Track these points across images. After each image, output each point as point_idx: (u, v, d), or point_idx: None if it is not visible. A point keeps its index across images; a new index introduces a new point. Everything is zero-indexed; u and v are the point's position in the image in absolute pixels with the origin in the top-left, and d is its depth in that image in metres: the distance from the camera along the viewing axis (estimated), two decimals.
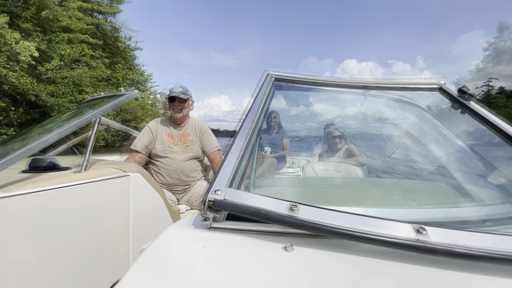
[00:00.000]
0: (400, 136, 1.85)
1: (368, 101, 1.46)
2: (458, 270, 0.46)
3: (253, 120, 0.91)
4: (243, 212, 0.54)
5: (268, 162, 2.36)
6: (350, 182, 1.26)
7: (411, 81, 1.18)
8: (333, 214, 0.53)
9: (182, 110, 2.01)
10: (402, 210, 0.69)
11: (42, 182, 1.02)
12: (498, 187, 0.92)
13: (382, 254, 0.50)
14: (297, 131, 3.01)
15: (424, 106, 1.40)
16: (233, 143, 0.78)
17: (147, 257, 0.50)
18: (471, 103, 0.98)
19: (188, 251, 0.52)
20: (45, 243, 0.98)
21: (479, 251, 0.46)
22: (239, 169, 0.69)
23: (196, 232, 0.58)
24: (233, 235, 0.57)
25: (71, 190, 1.07)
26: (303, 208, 0.55)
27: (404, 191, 1.00)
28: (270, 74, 1.23)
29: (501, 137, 0.85)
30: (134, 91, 1.75)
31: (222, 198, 0.56)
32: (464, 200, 0.85)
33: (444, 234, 0.49)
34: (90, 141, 1.36)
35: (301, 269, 0.47)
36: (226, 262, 0.48)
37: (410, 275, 0.46)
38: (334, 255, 0.51)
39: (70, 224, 1.06)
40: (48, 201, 0.99)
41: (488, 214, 0.68)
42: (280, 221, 0.53)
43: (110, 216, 1.21)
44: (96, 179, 1.17)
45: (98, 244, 1.16)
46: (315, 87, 1.31)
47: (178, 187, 2.03)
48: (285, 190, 0.94)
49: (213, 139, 2.15)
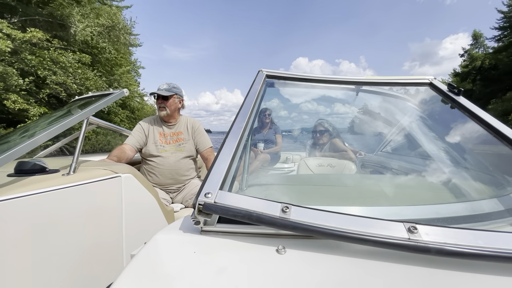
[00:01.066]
0: (391, 130, 1.86)
1: (360, 97, 1.46)
2: (450, 269, 0.47)
3: (245, 119, 0.90)
4: (234, 216, 0.53)
5: (262, 158, 2.36)
6: (342, 179, 1.27)
7: (403, 77, 1.18)
8: (325, 215, 0.53)
9: (165, 108, 1.96)
10: (394, 208, 0.69)
11: (29, 186, 0.99)
12: (487, 182, 0.93)
13: (375, 254, 0.50)
14: (290, 127, 3.01)
15: (416, 101, 1.41)
16: (224, 143, 0.77)
17: (137, 264, 0.49)
18: (461, 98, 0.99)
19: (179, 256, 0.51)
20: (33, 249, 0.95)
21: (469, 248, 0.46)
22: (230, 170, 0.68)
23: (187, 236, 0.57)
24: (225, 238, 0.56)
25: (60, 193, 1.04)
26: (295, 209, 0.54)
27: (396, 188, 1.00)
28: (262, 71, 1.21)
29: (488, 130, 0.86)
30: (124, 89, 1.71)
31: (213, 201, 0.56)
32: (455, 196, 0.86)
33: (435, 233, 0.49)
34: (78, 142, 1.32)
35: (294, 272, 0.47)
36: (218, 267, 0.48)
37: (403, 275, 0.46)
38: (327, 256, 0.50)
39: (59, 229, 1.04)
40: (35, 205, 0.97)
41: (479, 210, 0.69)
42: (272, 224, 0.52)
43: (102, 219, 1.19)
44: (85, 181, 1.15)
45: (90, 248, 1.14)
46: (308, 84, 1.31)
47: (172, 186, 2.01)
48: (278, 189, 0.93)
49: (206, 137, 2.13)
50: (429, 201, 0.80)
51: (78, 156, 1.25)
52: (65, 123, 1.30)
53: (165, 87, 1.97)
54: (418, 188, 1.00)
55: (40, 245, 0.97)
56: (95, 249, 1.16)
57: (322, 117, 2.36)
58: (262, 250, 0.52)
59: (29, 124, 1.96)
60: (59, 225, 1.04)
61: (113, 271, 1.22)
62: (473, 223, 0.64)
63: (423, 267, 0.47)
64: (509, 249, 0.46)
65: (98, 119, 2.16)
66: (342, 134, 2.32)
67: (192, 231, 0.59)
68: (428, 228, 0.50)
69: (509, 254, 0.45)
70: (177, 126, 2.08)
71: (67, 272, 1.06)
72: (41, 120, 1.89)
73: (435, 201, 0.83)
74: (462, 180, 0.98)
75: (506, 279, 0.45)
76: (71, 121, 1.33)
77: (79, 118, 1.38)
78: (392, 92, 1.46)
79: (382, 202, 0.82)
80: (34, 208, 0.96)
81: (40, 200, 0.98)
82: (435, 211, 0.67)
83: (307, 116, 2.42)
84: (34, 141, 1.13)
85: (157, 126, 2.03)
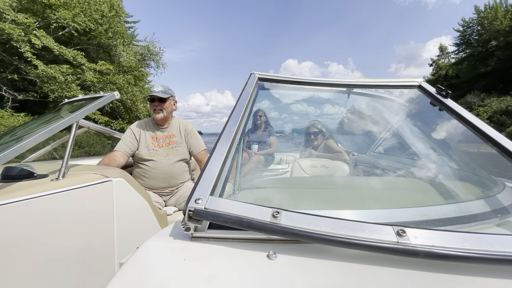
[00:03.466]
0: (382, 132, 1.89)
1: (351, 99, 1.48)
2: (439, 271, 0.48)
3: (237, 122, 0.89)
4: (224, 222, 0.53)
5: (255, 159, 2.35)
6: (334, 181, 1.27)
7: (393, 79, 1.20)
8: (315, 219, 0.53)
9: (162, 110, 1.93)
10: (384, 211, 0.70)
11: (16, 192, 0.96)
12: (474, 183, 0.95)
13: (365, 258, 0.51)
14: (283, 129, 3.02)
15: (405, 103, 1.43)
16: (215, 148, 0.76)
17: (126, 272, 0.49)
18: (449, 100, 1.01)
19: (169, 263, 0.50)
20: (21, 257, 0.93)
21: (456, 251, 0.47)
22: (221, 175, 0.68)
23: (177, 243, 0.56)
24: (216, 244, 0.56)
25: (48, 199, 1.02)
26: (285, 214, 0.54)
27: (386, 190, 1.02)
28: (254, 74, 1.21)
29: (474, 132, 0.88)
30: (114, 92, 1.69)
31: (203, 207, 0.55)
32: (443, 197, 0.88)
33: (423, 236, 0.50)
34: (68, 146, 1.30)
35: (284, 278, 0.47)
36: (208, 274, 0.47)
37: (392, 278, 0.47)
38: (317, 261, 0.51)
39: (48, 236, 1.01)
40: (23, 212, 0.94)
41: (467, 211, 0.70)
42: (263, 229, 0.52)
43: (93, 225, 1.17)
44: (75, 186, 1.12)
45: (80, 255, 1.11)
46: (300, 86, 1.31)
47: (166, 189, 1.99)
48: (270, 192, 0.93)
49: (199, 139, 2.11)
50: (418, 203, 0.82)
51: (67, 160, 1.23)
52: (54, 126, 1.27)
53: (161, 89, 1.94)
54: (407, 190, 1.01)
55: (28, 252, 0.95)
56: (85, 256, 1.13)
57: (315, 118, 2.38)
58: (253, 256, 0.52)
59: (18, 128, 1.92)
60: (48, 232, 1.01)
61: (105, 278, 1.20)
62: (460, 225, 0.65)
63: (412, 270, 0.48)
64: (494, 251, 0.47)
65: (88, 122, 2.13)
66: (334, 135, 2.34)
67: (183, 238, 0.58)
68: (416, 231, 0.51)
69: (494, 256, 0.46)
70: (169, 129, 2.06)
71: (57, 280, 1.03)
72: (30, 123, 1.84)
73: (424, 203, 0.84)
74: (450, 182, 0.99)
75: (492, 280, 0.46)
76: (60, 124, 1.31)
77: (68, 121, 1.36)
78: (382, 94, 1.48)
79: (373, 205, 0.83)
80: (21, 215, 0.94)
81: (27, 206, 0.96)
82: (424, 213, 0.68)
83: (300, 118, 2.44)
84: (22, 146, 1.11)
85: (149, 129, 2.00)
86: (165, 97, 1.93)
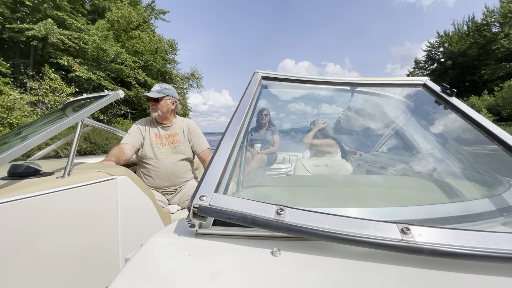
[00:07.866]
0: (387, 131, 1.88)
1: (355, 98, 1.47)
2: (443, 269, 0.47)
3: (241, 120, 0.90)
4: (229, 218, 0.53)
5: (258, 159, 2.36)
6: (337, 180, 1.27)
7: (398, 78, 1.19)
8: (319, 217, 0.53)
9: (156, 109, 1.96)
10: (388, 209, 0.70)
11: (23, 189, 0.98)
12: (480, 182, 0.94)
13: (369, 255, 0.51)
14: (286, 127, 3.02)
15: (410, 102, 1.42)
16: (219, 145, 0.77)
17: (131, 268, 0.49)
18: (454, 99, 1.00)
19: (174, 260, 0.51)
20: (28, 253, 0.94)
21: (461, 249, 0.47)
22: (225, 172, 0.68)
23: (182, 240, 0.56)
24: (220, 241, 0.56)
25: (54, 196, 1.03)
26: (289, 211, 0.54)
27: (390, 188, 1.01)
28: (257, 73, 1.21)
29: (480, 130, 0.87)
30: (119, 91, 1.70)
31: (208, 204, 0.56)
32: (448, 196, 0.87)
33: (428, 233, 0.50)
34: (73, 144, 1.31)
35: (289, 274, 0.47)
36: (212, 270, 0.48)
37: (397, 275, 0.47)
38: (321, 258, 0.51)
39: (54, 233, 1.03)
40: (29, 209, 0.96)
41: (472, 210, 0.70)
42: (267, 226, 0.52)
43: (97, 222, 1.18)
44: (80, 184, 1.14)
45: (85, 252, 1.13)
46: (303, 85, 1.31)
47: (169, 188, 2.00)
48: (273, 190, 0.94)
49: (202, 138, 2.12)
50: (423, 202, 0.81)
51: (73, 158, 1.24)
52: (60, 125, 1.28)
53: (157, 88, 1.98)
54: (411, 188, 1.01)
55: (35, 249, 0.96)
56: (90, 252, 1.15)
57: (317, 117, 2.38)
58: (257, 253, 0.52)
59: (24, 126, 1.94)
60: (54, 229, 1.03)
61: (109, 275, 1.21)
62: (465, 223, 0.65)
63: (417, 267, 0.48)
64: (499, 249, 0.47)
65: (93, 120, 2.15)
66: (337, 134, 2.34)
67: (187, 234, 0.58)
68: (421, 229, 0.50)
69: (499, 254, 0.46)
70: (172, 127, 2.07)
71: (62, 276, 1.05)
72: (36, 122, 1.86)
73: (429, 201, 0.84)
74: (455, 180, 0.99)
75: (497, 279, 0.45)
76: (66, 123, 1.32)
77: (74, 120, 1.37)
78: (387, 93, 1.47)
79: (376, 203, 0.82)
80: (27, 212, 0.95)
81: (34, 203, 0.97)
82: (428, 211, 0.67)
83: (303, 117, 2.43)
84: (28, 144, 1.12)
85: (152, 127, 2.02)
86: (158, 96, 1.95)
